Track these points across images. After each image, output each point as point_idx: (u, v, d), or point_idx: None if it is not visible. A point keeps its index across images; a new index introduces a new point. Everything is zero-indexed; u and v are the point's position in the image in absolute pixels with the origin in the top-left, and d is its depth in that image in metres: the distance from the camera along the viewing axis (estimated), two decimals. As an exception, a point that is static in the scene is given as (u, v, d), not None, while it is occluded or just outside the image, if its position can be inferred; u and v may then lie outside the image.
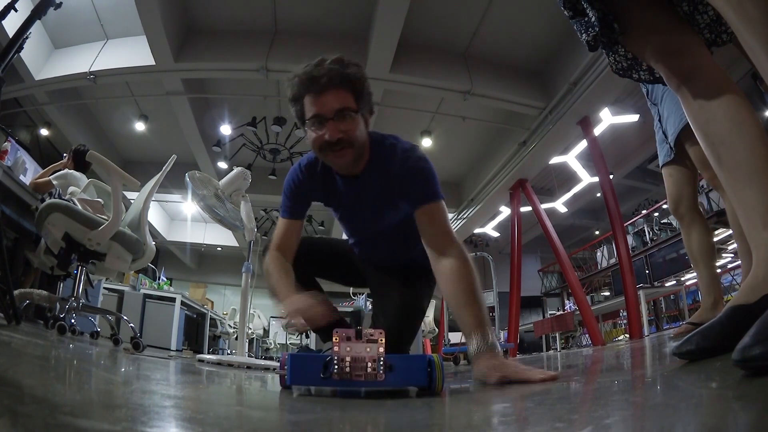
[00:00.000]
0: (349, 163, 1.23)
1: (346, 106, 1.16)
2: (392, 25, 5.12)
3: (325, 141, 1.16)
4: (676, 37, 0.87)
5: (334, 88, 1.15)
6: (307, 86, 1.16)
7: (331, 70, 1.14)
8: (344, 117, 1.16)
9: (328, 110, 1.15)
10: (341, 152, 1.18)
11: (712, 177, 1.66)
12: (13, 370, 0.60)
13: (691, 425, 0.36)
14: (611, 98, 5.85)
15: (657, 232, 7.42)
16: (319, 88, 1.14)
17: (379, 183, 1.31)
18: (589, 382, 0.86)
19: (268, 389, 0.75)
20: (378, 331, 0.71)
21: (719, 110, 0.79)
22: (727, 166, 0.77)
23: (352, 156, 1.21)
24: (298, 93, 1.18)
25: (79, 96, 6.85)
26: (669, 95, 1.77)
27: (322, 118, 1.16)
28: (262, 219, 9.71)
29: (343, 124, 1.16)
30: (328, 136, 1.15)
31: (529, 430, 0.44)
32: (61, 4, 1.83)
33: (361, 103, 1.20)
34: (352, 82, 1.17)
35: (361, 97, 1.19)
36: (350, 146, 1.19)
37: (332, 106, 1.15)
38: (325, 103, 1.15)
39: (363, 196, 1.34)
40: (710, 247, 1.81)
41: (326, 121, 1.15)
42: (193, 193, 2.57)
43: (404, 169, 1.26)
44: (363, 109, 1.21)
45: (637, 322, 5.05)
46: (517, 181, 7.34)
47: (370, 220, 1.42)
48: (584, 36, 0.94)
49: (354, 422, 0.51)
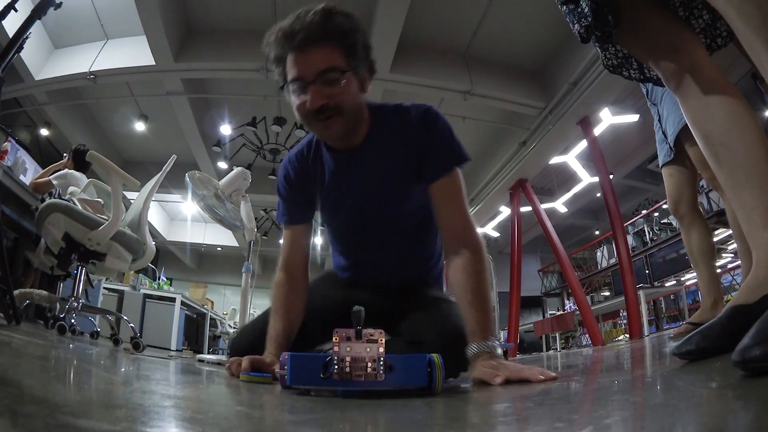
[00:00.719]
0: (339, 133, 1.03)
1: (331, 66, 0.95)
2: (392, 25, 5.13)
3: (308, 110, 0.97)
4: (673, 36, 0.87)
5: (316, 44, 0.95)
6: (284, 44, 0.97)
7: (312, 23, 0.94)
8: (329, 79, 0.95)
9: (308, 71, 0.95)
10: (328, 121, 0.99)
11: (711, 177, 1.66)
12: (13, 370, 0.60)
13: (691, 425, 0.36)
14: (611, 98, 5.85)
15: (657, 232, 7.42)
16: (298, 44, 0.95)
17: (385, 153, 1.08)
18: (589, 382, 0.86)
19: (268, 389, 0.75)
20: (378, 331, 0.71)
21: (718, 111, 0.79)
22: (726, 167, 0.77)
23: (342, 125, 1.01)
24: (279, 52, 0.99)
25: (79, 96, 6.85)
26: (669, 95, 1.77)
27: (303, 82, 0.96)
28: (262, 219, 9.71)
29: (328, 87, 0.96)
30: (309, 103, 0.96)
31: (529, 430, 0.44)
32: (61, 4, 1.83)
33: (353, 59, 0.99)
34: (339, 35, 0.96)
35: (352, 53, 0.98)
36: (338, 113, 0.99)
37: (314, 67, 0.95)
38: (306, 62, 0.95)
39: (363, 174, 1.10)
40: (710, 247, 1.81)
41: (308, 84, 0.96)
42: (193, 193, 2.57)
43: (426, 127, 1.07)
44: (356, 67, 1.00)
45: (637, 322, 5.06)
46: (517, 181, 7.35)
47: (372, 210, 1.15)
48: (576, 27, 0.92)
49: (354, 422, 0.51)
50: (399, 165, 1.09)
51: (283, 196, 1.21)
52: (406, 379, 0.72)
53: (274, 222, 10.05)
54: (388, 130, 1.09)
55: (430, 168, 1.07)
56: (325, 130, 1.02)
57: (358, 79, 1.02)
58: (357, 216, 1.17)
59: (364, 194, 1.13)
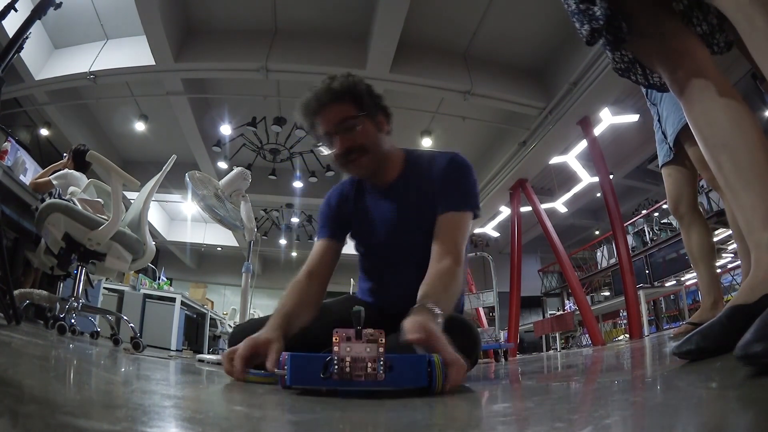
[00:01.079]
0: (369, 169, 1.23)
1: (344, 116, 1.16)
2: (392, 25, 5.13)
3: (337, 155, 1.18)
4: (680, 40, 0.88)
5: (328, 105, 1.16)
6: (307, 114, 1.19)
7: (318, 92, 1.16)
8: (347, 127, 1.16)
9: (329, 126, 1.17)
10: (357, 161, 1.19)
11: (711, 177, 1.66)
12: (13, 370, 0.60)
13: (691, 425, 0.36)
14: (611, 98, 5.85)
15: (657, 232, 7.42)
16: (315, 110, 1.17)
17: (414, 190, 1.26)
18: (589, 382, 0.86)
19: (268, 389, 0.75)
20: (378, 331, 0.71)
21: (720, 114, 0.80)
22: (727, 169, 0.78)
23: (369, 162, 1.20)
24: (308, 122, 1.21)
25: (79, 96, 6.85)
26: (668, 95, 1.77)
27: (329, 135, 1.18)
28: (262, 219, 9.71)
29: (348, 134, 1.17)
30: (337, 149, 1.17)
31: (529, 430, 0.44)
32: (61, 4, 1.83)
33: (363, 107, 1.18)
34: (343, 93, 1.17)
35: (360, 103, 1.18)
36: (364, 152, 1.18)
37: (332, 121, 1.16)
38: (325, 120, 1.17)
39: (398, 205, 1.28)
40: (710, 247, 1.81)
41: (332, 136, 1.17)
42: (193, 193, 2.57)
43: (448, 170, 1.24)
44: (368, 113, 1.20)
45: (637, 322, 5.06)
46: (517, 181, 7.35)
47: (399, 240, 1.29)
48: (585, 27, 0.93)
49: (354, 422, 0.51)
50: (425, 202, 1.24)
51: (321, 217, 1.37)
52: (406, 379, 0.72)
53: (274, 222, 10.06)
54: (419, 170, 1.27)
55: (443, 201, 1.21)
56: (357, 169, 1.22)
57: (374, 122, 1.21)
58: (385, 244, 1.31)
59: (393, 224, 1.28)
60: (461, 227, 1.19)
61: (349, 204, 1.34)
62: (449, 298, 1.04)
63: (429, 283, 1.05)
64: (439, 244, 1.16)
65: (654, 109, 1.89)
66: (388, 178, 1.28)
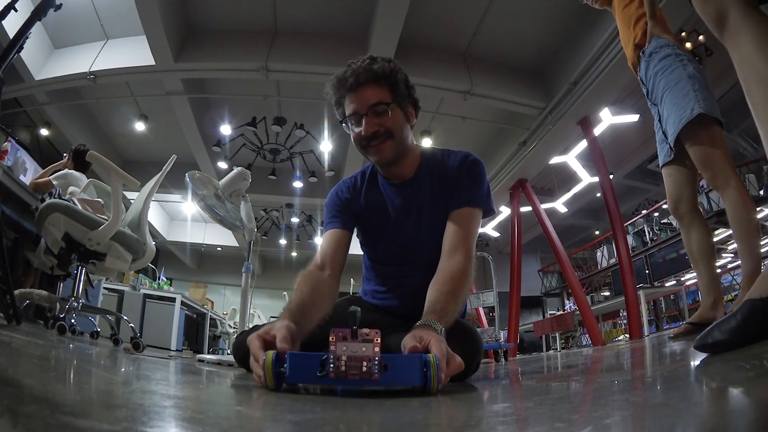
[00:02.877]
0: (390, 156, 1.20)
1: (379, 100, 1.16)
2: (392, 25, 5.13)
3: (362, 136, 1.17)
4: None
5: (365, 85, 1.16)
6: (339, 88, 1.18)
7: (358, 68, 1.16)
8: (378, 111, 1.16)
9: (361, 106, 1.16)
10: (381, 146, 1.18)
11: (711, 177, 1.66)
12: (13, 370, 0.60)
13: (691, 425, 0.36)
14: (611, 98, 5.85)
15: (657, 232, 7.42)
16: (350, 87, 1.16)
17: (428, 188, 1.26)
18: (589, 382, 0.86)
19: (268, 389, 0.75)
20: (374, 331, 0.71)
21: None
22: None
23: (392, 149, 1.19)
24: (337, 96, 1.20)
25: (79, 96, 6.85)
26: (669, 95, 1.77)
27: (357, 115, 1.17)
28: (262, 219, 9.71)
29: (377, 118, 1.16)
30: (364, 131, 1.16)
31: (529, 430, 0.44)
32: (61, 5, 1.83)
33: (397, 95, 1.19)
34: (382, 76, 1.17)
35: (396, 90, 1.18)
36: (389, 137, 1.17)
37: (365, 102, 1.16)
38: (358, 99, 1.16)
39: (412, 201, 1.26)
40: (710, 247, 1.81)
41: (361, 117, 1.16)
42: (193, 193, 2.57)
43: (462, 168, 1.24)
44: (400, 101, 1.20)
45: (637, 322, 5.06)
46: (517, 181, 7.35)
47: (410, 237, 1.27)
48: None
49: (354, 422, 0.51)
50: (439, 200, 1.24)
51: (330, 208, 1.33)
52: (401, 379, 0.72)
53: (274, 222, 10.06)
54: (434, 168, 1.26)
55: (456, 198, 1.21)
56: (379, 153, 1.19)
57: (404, 111, 1.22)
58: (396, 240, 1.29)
59: (405, 221, 1.27)
60: (473, 223, 1.19)
61: (360, 197, 1.31)
62: (457, 305, 1.01)
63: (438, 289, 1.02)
64: (451, 238, 1.15)
65: (654, 109, 1.89)
66: (404, 173, 1.27)
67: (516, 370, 1.84)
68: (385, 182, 1.30)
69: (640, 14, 1.92)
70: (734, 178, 1.62)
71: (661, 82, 1.79)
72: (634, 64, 1.98)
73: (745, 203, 1.58)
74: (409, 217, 1.27)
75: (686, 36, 5.16)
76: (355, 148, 1.26)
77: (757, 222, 1.63)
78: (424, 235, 1.25)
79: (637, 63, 1.94)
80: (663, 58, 1.80)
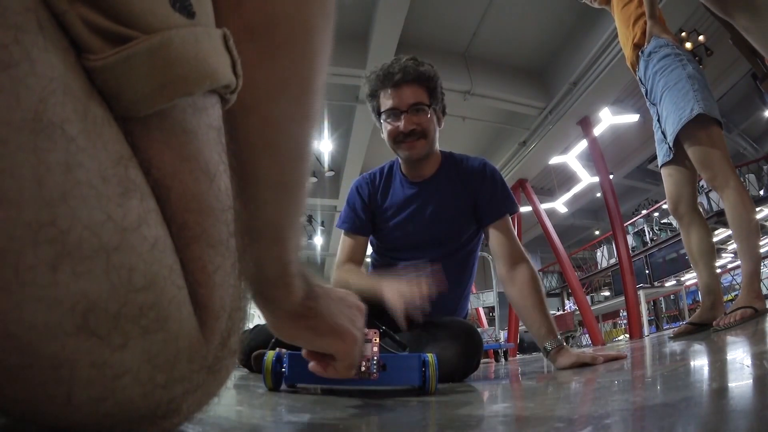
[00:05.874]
0: (421, 154, 1.27)
1: (420, 101, 1.23)
2: (392, 25, 5.13)
3: (399, 132, 1.23)
4: None
5: (409, 84, 1.22)
6: (383, 81, 1.24)
7: (407, 67, 1.23)
8: (418, 110, 1.22)
9: (403, 103, 1.22)
10: (415, 143, 1.24)
11: (711, 177, 1.66)
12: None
13: (691, 425, 0.36)
14: (611, 98, 5.86)
15: (657, 232, 7.43)
16: (395, 83, 1.22)
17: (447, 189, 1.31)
18: (589, 382, 0.86)
19: (268, 389, 0.75)
20: (372, 331, 0.71)
21: None
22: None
23: (424, 148, 1.25)
24: (375, 88, 1.26)
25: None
26: (668, 95, 1.77)
27: (398, 111, 1.23)
28: (262, 219, 9.69)
29: (416, 116, 1.22)
30: (402, 126, 1.22)
31: (529, 430, 0.44)
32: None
33: (434, 99, 1.26)
34: (425, 79, 1.24)
35: (434, 94, 1.26)
36: (423, 137, 1.24)
37: (407, 100, 1.22)
38: (401, 96, 1.22)
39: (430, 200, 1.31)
40: (710, 247, 1.81)
41: (401, 113, 1.22)
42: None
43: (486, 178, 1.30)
44: (435, 105, 1.27)
45: (637, 322, 5.07)
46: (517, 181, 7.35)
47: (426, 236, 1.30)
48: None
49: (354, 422, 0.51)
50: (456, 202, 1.30)
51: (351, 205, 1.37)
52: (399, 379, 0.72)
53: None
54: (452, 171, 1.33)
55: (488, 213, 1.29)
56: (411, 149, 1.25)
57: (437, 115, 1.29)
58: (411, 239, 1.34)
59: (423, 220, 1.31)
60: (511, 227, 1.29)
61: (380, 196, 1.36)
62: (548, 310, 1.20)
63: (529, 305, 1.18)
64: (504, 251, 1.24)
65: (654, 109, 1.89)
66: (425, 172, 1.33)
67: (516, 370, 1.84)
68: (405, 179, 1.35)
69: (639, 13, 1.92)
70: (733, 179, 1.62)
71: (660, 82, 1.80)
72: (633, 63, 1.98)
73: (745, 203, 1.58)
74: (423, 215, 1.32)
75: (686, 36, 5.16)
76: (354, 148, 1.30)
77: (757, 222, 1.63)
78: (438, 233, 1.31)
79: (636, 63, 1.94)
80: (662, 57, 1.81)
